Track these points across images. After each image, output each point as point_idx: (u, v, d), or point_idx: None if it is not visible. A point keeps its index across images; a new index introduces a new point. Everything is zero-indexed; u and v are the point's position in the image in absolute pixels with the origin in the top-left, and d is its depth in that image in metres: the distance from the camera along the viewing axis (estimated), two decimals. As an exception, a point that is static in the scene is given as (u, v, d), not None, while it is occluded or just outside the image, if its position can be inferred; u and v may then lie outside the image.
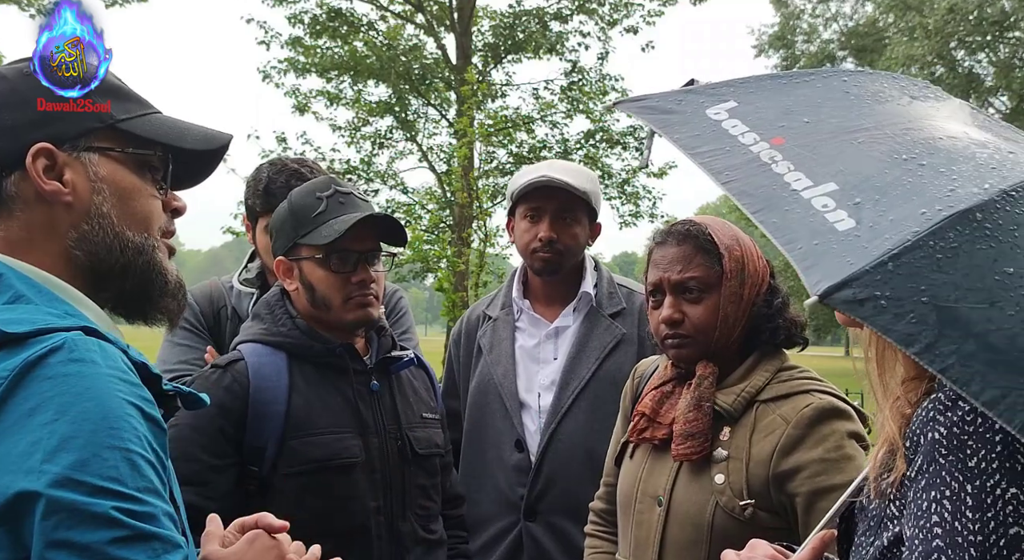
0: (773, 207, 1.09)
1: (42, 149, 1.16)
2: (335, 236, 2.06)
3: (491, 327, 2.79)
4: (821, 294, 0.97)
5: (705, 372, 1.95)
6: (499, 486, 2.65)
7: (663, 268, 1.98)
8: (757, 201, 1.11)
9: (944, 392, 1.11)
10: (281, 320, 2.17)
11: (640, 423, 2.04)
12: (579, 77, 16.42)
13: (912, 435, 1.12)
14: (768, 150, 1.17)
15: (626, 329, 2.67)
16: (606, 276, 2.79)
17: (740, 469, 1.86)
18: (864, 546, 1.21)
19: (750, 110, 1.26)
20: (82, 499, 0.96)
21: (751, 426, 1.89)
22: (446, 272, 10.32)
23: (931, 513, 1.06)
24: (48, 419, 0.98)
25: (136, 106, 1.26)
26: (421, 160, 17.00)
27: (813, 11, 30.13)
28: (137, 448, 1.02)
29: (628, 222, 16.59)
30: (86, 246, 1.19)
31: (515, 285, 2.80)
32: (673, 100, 1.31)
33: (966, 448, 1.06)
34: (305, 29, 16.34)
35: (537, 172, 2.65)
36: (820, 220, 1.05)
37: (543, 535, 2.59)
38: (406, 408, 2.23)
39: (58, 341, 1.04)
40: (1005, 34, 25.19)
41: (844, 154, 1.15)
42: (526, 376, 2.69)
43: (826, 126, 1.21)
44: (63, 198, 1.18)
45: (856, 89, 1.31)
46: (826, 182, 1.10)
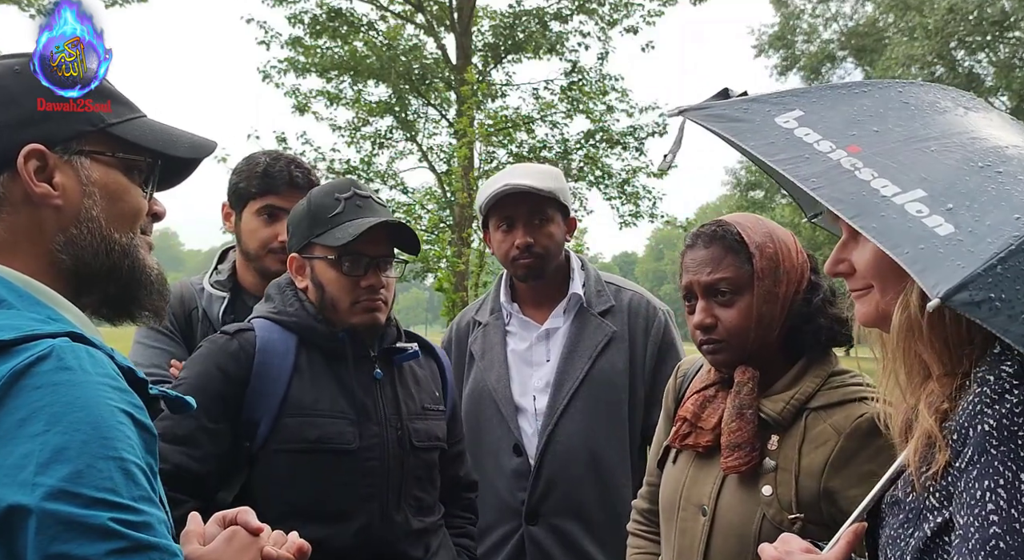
0: (869, 213, 1.11)
1: (34, 150, 1.15)
2: (348, 239, 2.07)
3: (481, 333, 2.78)
4: (943, 296, 1.00)
5: (744, 378, 1.88)
6: (499, 493, 2.64)
7: (693, 271, 1.92)
8: (851, 207, 1.13)
9: (988, 386, 1.15)
10: (290, 300, 2.19)
11: (683, 428, 1.98)
12: (579, 77, 16.40)
13: (959, 428, 1.16)
14: (847, 157, 1.19)
15: (616, 326, 2.66)
16: (593, 275, 2.78)
17: (789, 481, 1.79)
18: (903, 538, 1.24)
19: (817, 119, 1.28)
20: (78, 511, 0.94)
21: (801, 436, 1.82)
22: (446, 272, 10.31)
23: (986, 501, 1.11)
24: (39, 430, 0.97)
25: (126, 109, 1.25)
26: (421, 160, 16.99)
27: (813, 11, 30.10)
28: (130, 457, 1.01)
29: (628, 222, 16.57)
30: (72, 250, 1.18)
31: (503, 289, 2.79)
32: (738, 109, 1.33)
33: (1017, 438, 1.11)
34: (305, 29, 16.32)
35: (500, 182, 2.65)
36: (919, 225, 1.08)
37: (545, 538, 2.58)
38: (407, 398, 2.23)
39: (46, 349, 1.02)
40: (1005, 34, 25.17)
41: (921, 162, 1.18)
42: (520, 380, 2.69)
43: (895, 135, 1.25)
44: (52, 201, 1.16)
45: (913, 100, 1.34)
46: (913, 188, 1.13)
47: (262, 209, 2.60)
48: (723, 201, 43.31)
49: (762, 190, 39.16)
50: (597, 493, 2.59)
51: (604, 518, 2.58)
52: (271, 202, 2.59)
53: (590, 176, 15.98)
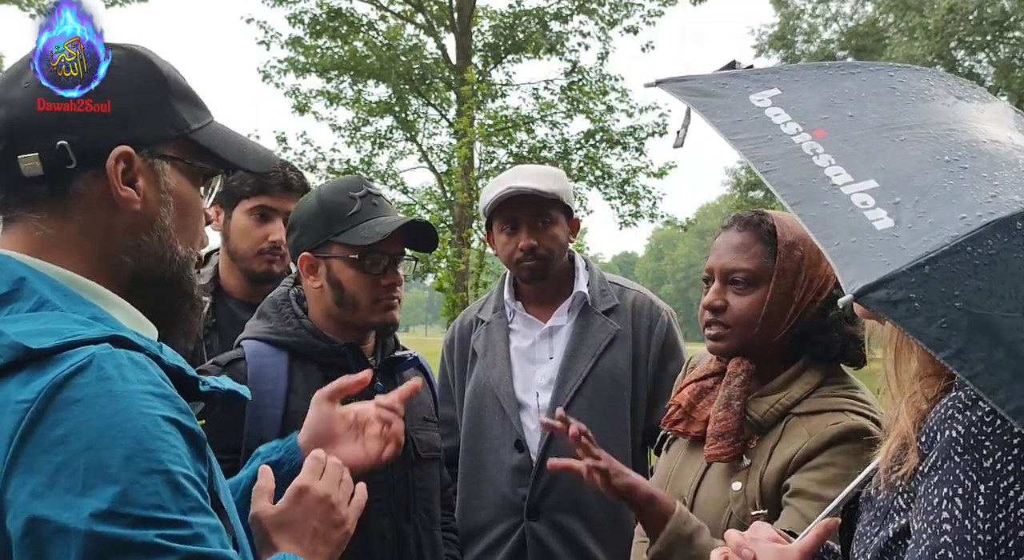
0: (812, 200, 1.08)
1: (124, 152, 1.13)
2: (377, 238, 2.05)
3: (484, 331, 2.78)
4: (856, 293, 0.97)
5: (737, 369, 1.89)
6: (500, 489, 2.64)
7: (718, 254, 1.93)
8: (795, 193, 1.10)
9: (964, 391, 1.12)
10: (288, 319, 2.16)
11: (675, 414, 1.99)
12: (579, 77, 16.42)
13: (928, 431, 1.13)
14: (810, 142, 1.16)
15: (620, 325, 2.66)
16: (597, 274, 2.78)
17: (756, 478, 1.82)
18: (869, 536, 1.22)
19: (794, 99, 1.24)
20: (123, 532, 0.92)
21: (777, 437, 1.84)
22: (446, 272, 10.32)
23: (942, 509, 1.08)
24: (81, 447, 0.94)
25: (204, 114, 1.23)
26: (421, 160, 17.01)
27: (813, 11, 30.12)
28: (177, 468, 0.98)
29: (628, 222, 16.60)
30: (138, 256, 1.16)
31: (506, 287, 2.79)
32: (716, 83, 1.29)
33: (982, 448, 1.07)
34: (305, 29, 16.34)
35: (503, 185, 2.63)
36: (859, 217, 1.05)
37: (547, 534, 2.58)
38: (409, 410, 2.20)
39: (85, 359, 0.99)
40: (1005, 34, 25.19)
41: (886, 151, 1.15)
42: (523, 377, 2.68)
43: (869, 121, 1.21)
44: (133, 206, 1.14)
45: (902, 85, 1.29)
46: (867, 179, 1.09)
47: (254, 209, 2.58)
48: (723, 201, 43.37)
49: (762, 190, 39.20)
50: (598, 490, 2.59)
51: (605, 515, 2.58)
52: (264, 202, 2.58)
53: (590, 176, 16.00)
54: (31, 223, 1.13)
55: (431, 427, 2.29)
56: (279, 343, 2.13)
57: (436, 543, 2.22)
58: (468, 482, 2.70)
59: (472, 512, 2.67)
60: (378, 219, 2.10)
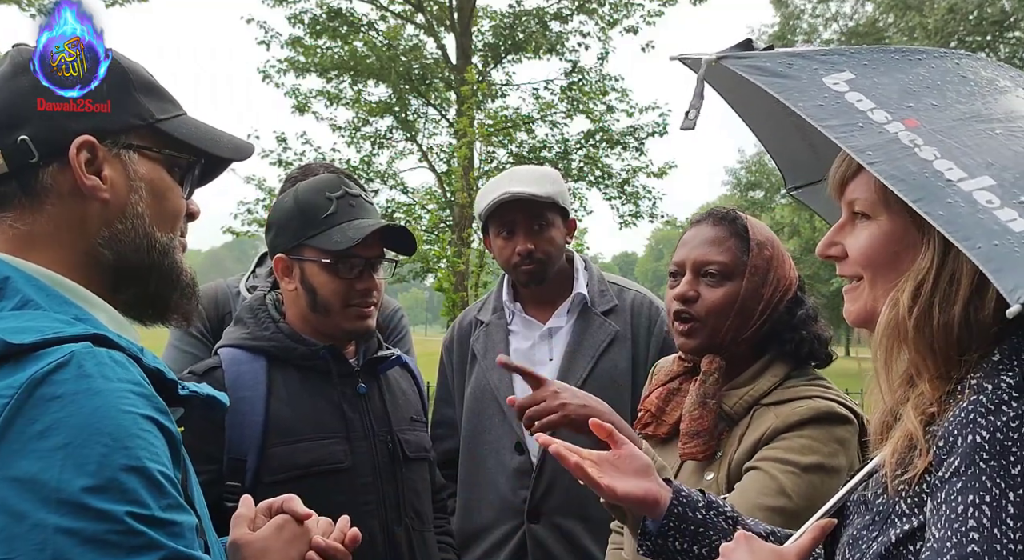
0: (934, 198, 0.99)
1: (86, 142, 1.13)
2: (349, 243, 2.00)
3: (484, 332, 2.77)
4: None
5: (710, 368, 1.90)
6: (500, 491, 2.63)
7: (690, 247, 1.94)
8: (913, 189, 1.00)
9: (985, 395, 1.08)
10: (264, 324, 2.11)
11: (644, 418, 2.01)
12: (579, 77, 16.42)
13: (947, 435, 1.09)
14: (905, 132, 1.06)
15: (619, 326, 2.66)
16: (596, 274, 2.78)
17: (726, 465, 1.83)
18: (865, 540, 1.19)
19: (871, 85, 1.14)
20: (101, 528, 0.92)
21: (746, 426, 1.86)
22: (446, 272, 10.32)
23: (967, 517, 1.04)
24: (59, 443, 0.94)
25: (172, 107, 1.24)
26: (421, 160, 17.00)
27: (813, 11, 30.14)
28: (154, 465, 0.98)
29: (628, 222, 16.60)
30: (116, 245, 1.16)
31: (505, 288, 2.79)
32: (782, 62, 1.17)
33: (1010, 455, 1.04)
34: (305, 29, 16.34)
35: (499, 190, 2.62)
36: (990, 218, 0.97)
37: (547, 536, 2.57)
38: (395, 410, 2.18)
39: (65, 356, 0.99)
40: (1005, 34, 25.19)
41: (986, 146, 1.07)
42: (522, 379, 2.69)
43: (955, 112, 1.12)
44: (101, 194, 1.15)
45: (972, 74, 1.22)
46: (981, 175, 1.01)
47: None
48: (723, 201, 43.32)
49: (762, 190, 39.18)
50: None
51: (606, 517, 2.57)
52: None
53: (590, 176, 16.01)
54: (5, 222, 1.14)
55: (419, 427, 2.25)
56: (256, 349, 2.08)
57: (428, 544, 2.19)
58: (469, 484, 2.70)
59: (473, 514, 2.66)
60: (353, 223, 2.04)
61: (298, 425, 2.02)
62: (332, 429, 2.05)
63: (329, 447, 2.03)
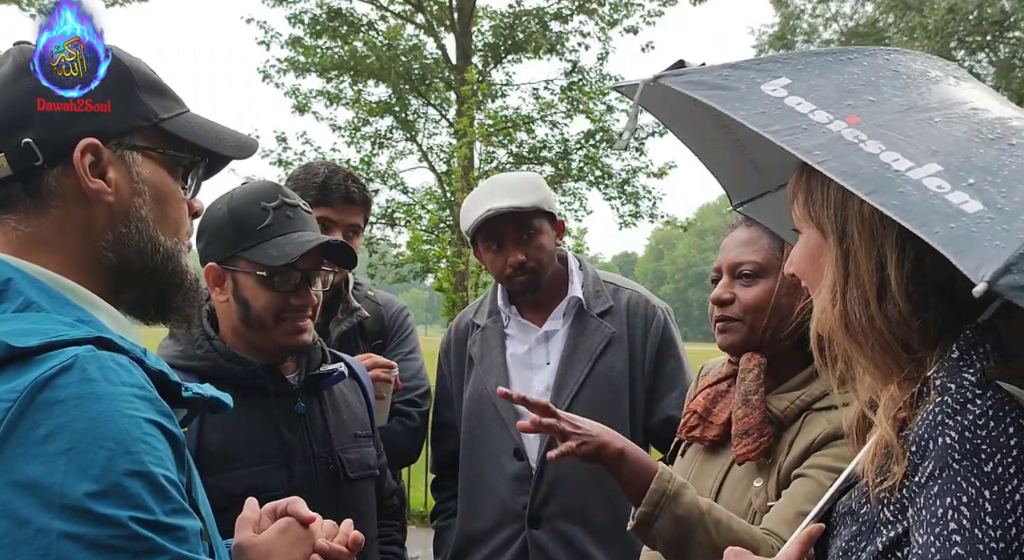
0: (886, 189, 1.00)
1: (90, 145, 1.13)
2: (286, 260, 1.91)
3: (480, 336, 2.76)
4: (990, 280, 0.90)
5: (749, 365, 1.88)
6: (500, 496, 2.63)
7: (726, 252, 1.95)
8: (865, 182, 1.02)
9: (949, 395, 1.08)
10: (198, 341, 2.01)
11: (691, 420, 1.98)
12: (579, 77, 16.40)
13: (918, 439, 1.09)
14: (848, 129, 1.08)
15: (615, 327, 2.65)
16: (591, 275, 2.75)
17: (776, 472, 1.81)
18: (855, 551, 1.19)
19: (807, 87, 1.16)
20: (104, 533, 0.92)
21: (796, 431, 1.83)
22: (446, 272, 10.32)
23: (947, 520, 1.04)
24: (62, 447, 0.94)
25: (175, 104, 1.23)
26: (421, 160, 16.98)
27: (813, 11, 30.10)
28: (158, 470, 0.98)
29: (628, 222, 16.57)
30: (119, 249, 1.16)
31: (500, 292, 2.77)
32: (719, 75, 1.19)
33: (980, 453, 1.03)
34: (305, 29, 16.32)
35: (482, 206, 2.59)
36: (943, 202, 0.98)
37: (548, 542, 2.57)
38: (338, 429, 2.09)
39: (68, 359, 0.98)
40: (1005, 34, 25.17)
41: (928, 134, 1.08)
42: (520, 383, 2.66)
43: (893, 105, 1.14)
44: (105, 197, 1.14)
45: (903, 68, 1.24)
46: (927, 162, 1.02)
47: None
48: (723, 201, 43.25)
49: (762, 190, 38.99)
50: (599, 496, 2.58)
51: (607, 521, 2.56)
52: (324, 214, 2.56)
53: (590, 176, 15.98)
54: (9, 224, 1.14)
55: (364, 443, 2.17)
56: (189, 369, 1.95)
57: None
58: (468, 490, 2.70)
59: (473, 519, 2.66)
60: (290, 236, 1.95)
61: (233, 450, 1.94)
62: (269, 453, 1.97)
63: (266, 473, 1.96)
